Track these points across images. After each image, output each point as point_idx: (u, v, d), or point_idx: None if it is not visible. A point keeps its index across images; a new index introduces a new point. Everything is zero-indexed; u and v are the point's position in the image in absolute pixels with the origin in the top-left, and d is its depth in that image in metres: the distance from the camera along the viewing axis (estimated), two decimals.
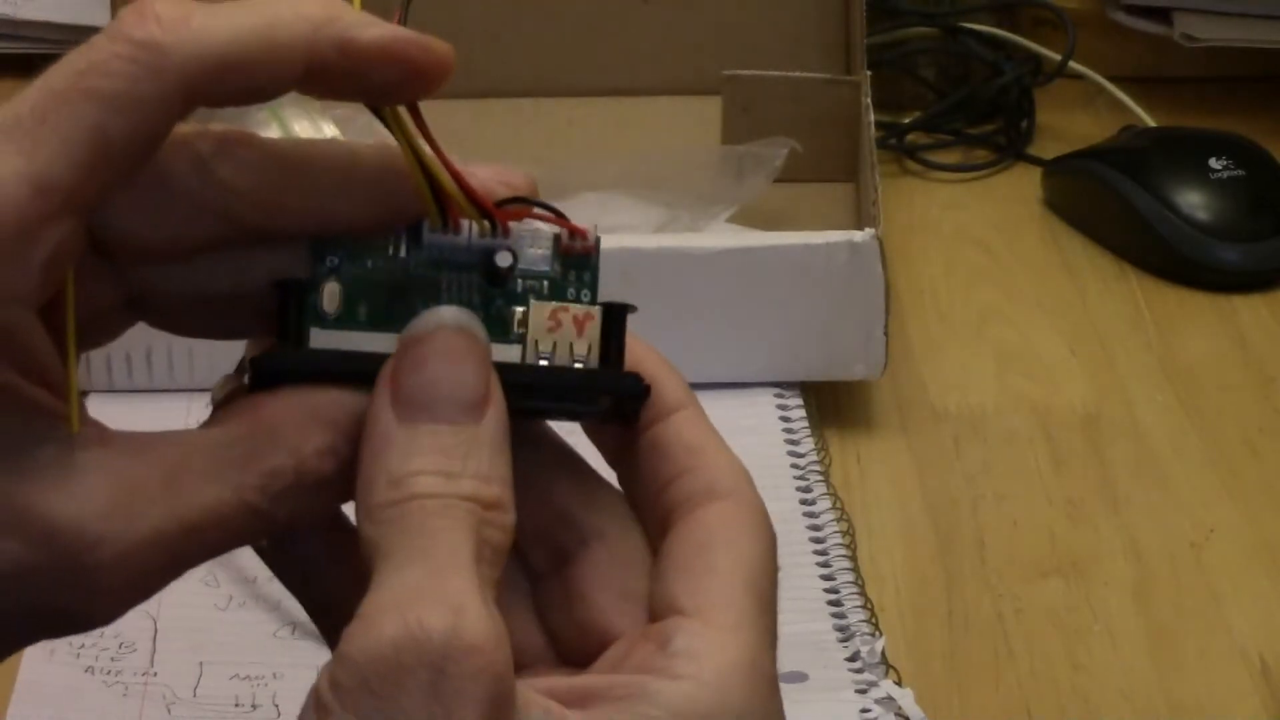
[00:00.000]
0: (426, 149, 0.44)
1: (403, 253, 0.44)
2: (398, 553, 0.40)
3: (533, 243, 0.44)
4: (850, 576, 0.79)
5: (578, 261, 0.44)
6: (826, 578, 0.79)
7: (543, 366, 0.43)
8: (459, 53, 0.46)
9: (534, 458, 0.45)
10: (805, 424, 0.88)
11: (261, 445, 0.42)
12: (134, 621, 0.75)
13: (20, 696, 0.72)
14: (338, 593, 0.44)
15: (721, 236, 0.94)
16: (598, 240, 0.45)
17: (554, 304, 0.44)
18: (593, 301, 0.44)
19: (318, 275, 0.43)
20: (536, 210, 0.44)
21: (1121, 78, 1.18)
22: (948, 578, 0.80)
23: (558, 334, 0.44)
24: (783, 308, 0.88)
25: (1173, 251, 1.02)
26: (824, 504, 0.83)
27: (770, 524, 0.45)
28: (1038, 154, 1.15)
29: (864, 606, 0.77)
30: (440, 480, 0.41)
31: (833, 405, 0.90)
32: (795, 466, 0.86)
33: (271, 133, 1.00)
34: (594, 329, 0.44)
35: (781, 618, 0.78)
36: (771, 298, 0.88)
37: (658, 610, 0.43)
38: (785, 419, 0.88)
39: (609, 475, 0.47)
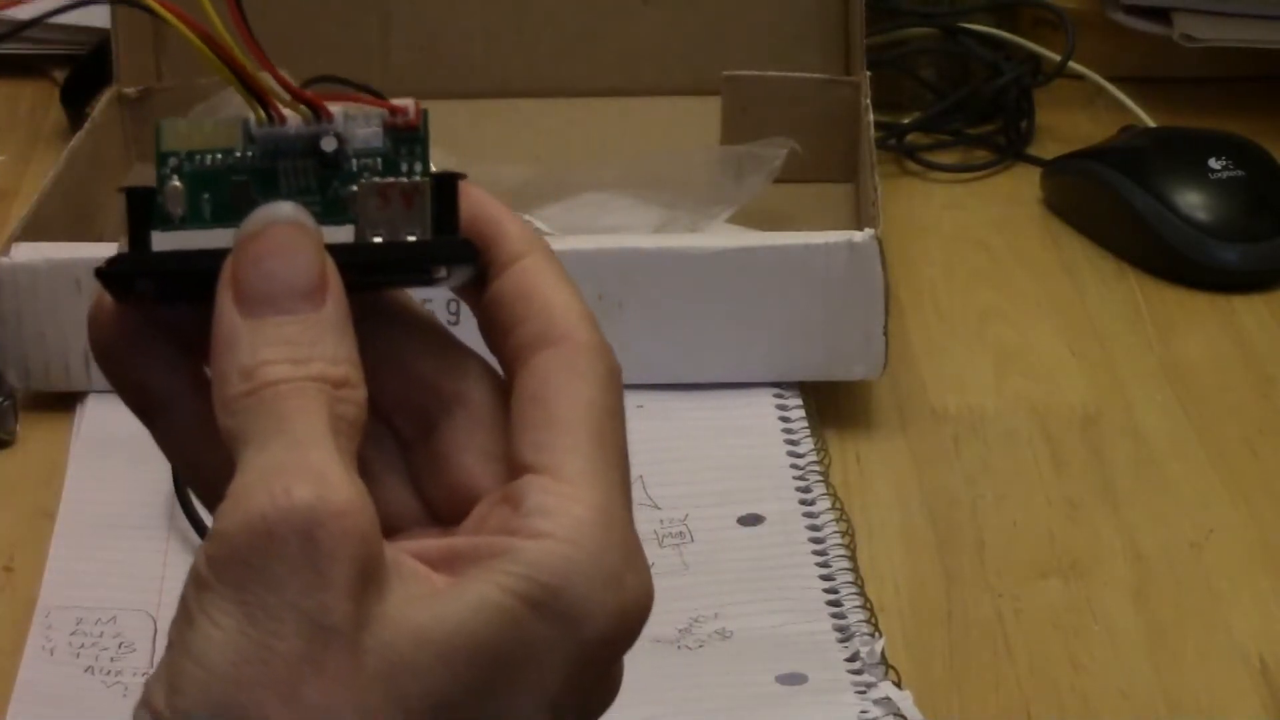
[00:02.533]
0: (230, 46, 0.44)
1: (239, 150, 0.45)
2: (258, 435, 0.41)
3: (364, 124, 0.45)
4: (850, 577, 0.79)
5: (407, 136, 0.46)
6: (826, 578, 0.79)
7: (374, 243, 0.45)
8: (459, 53, 0.47)
9: (393, 331, 0.46)
10: (805, 424, 0.88)
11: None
12: (134, 622, 0.76)
13: (20, 696, 0.72)
14: (219, 470, 0.45)
15: (721, 236, 0.94)
16: (425, 113, 0.46)
17: (383, 180, 0.45)
18: (424, 174, 0.45)
19: (161, 179, 0.45)
20: (353, 92, 0.46)
21: (1121, 78, 1.18)
22: (947, 578, 0.80)
23: (389, 209, 0.45)
24: (783, 308, 0.88)
25: (1172, 251, 1.02)
26: (823, 504, 0.83)
27: (610, 359, 0.45)
28: (1037, 154, 1.15)
29: (863, 607, 0.77)
30: (289, 366, 0.42)
31: (832, 405, 0.90)
32: (795, 467, 0.86)
33: None
34: (423, 200, 0.45)
35: (781, 618, 0.78)
36: (771, 298, 0.88)
37: (513, 466, 0.44)
38: (785, 419, 0.88)
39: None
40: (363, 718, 0.40)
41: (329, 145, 0.45)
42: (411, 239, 0.45)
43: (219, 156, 0.45)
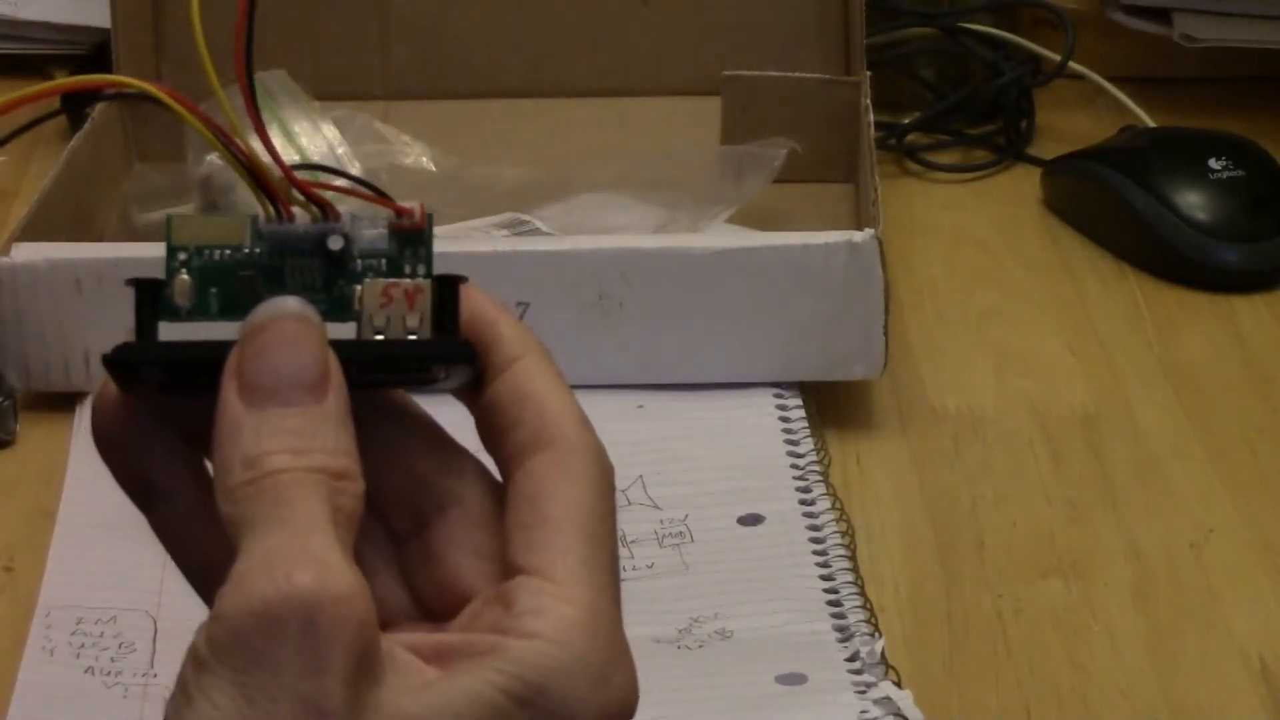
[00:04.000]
0: (246, 145, 0.45)
1: (248, 246, 0.46)
2: (260, 523, 0.42)
3: (370, 225, 0.46)
4: (850, 577, 0.79)
5: (412, 238, 0.46)
6: (826, 578, 0.79)
7: (375, 341, 0.45)
8: (459, 53, 0.47)
9: (392, 428, 0.47)
10: (805, 424, 0.88)
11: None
12: (134, 621, 0.76)
13: (20, 696, 0.72)
14: (215, 558, 0.45)
15: (721, 236, 0.94)
16: (430, 216, 0.47)
17: (386, 280, 0.46)
18: (428, 275, 0.46)
19: (170, 272, 0.46)
20: (359, 188, 0.47)
21: (1121, 78, 1.18)
22: (947, 578, 0.80)
23: (390, 308, 0.45)
24: (783, 308, 0.88)
25: (1172, 252, 1.02)
26: (823, 504, 0.83)
27: (603, 461, 0.46)
28: (1037, 154, 1.15)
29: (863, 607, 0.77)
30: (291, 457, 0.43)
31: (832, 405, 0.90)
32: (795, 467, 0.86)
33: (272, 134, 1.00)
34: (425, 301, 0.46)
35: (781, 618, 0.78)
36: (771, 298, 0.88)
37: (506, 567, 0.45)
38: (785, 419, 0.88)
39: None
40: None
41: (336, 244, 0.46)
42: (412, 338, 0.45)
43: (227, 252, 0.46)
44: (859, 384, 0.91)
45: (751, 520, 0.83)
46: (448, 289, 0.46)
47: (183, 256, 0.46)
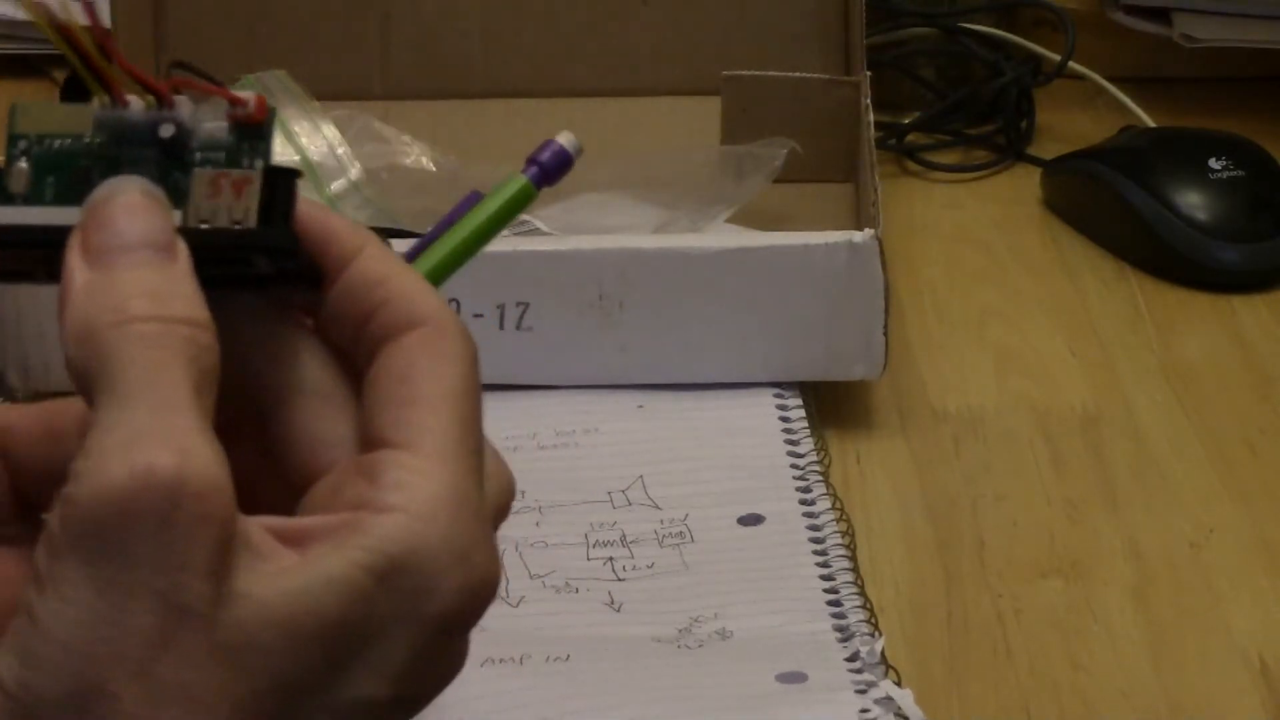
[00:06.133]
0: (76, 26, 0.44)
1: (88, 136, 0.45)
2: (119, 385, 0.41)
3: (211, 116, 0.45)
4: (850, 577, 0.79)
5: (252, 131, 0.45)
6: (826, 578, 0.79)
7: (197, 229, 0.44)
8: (459, 53, 0.47)
9: (229, 317, 0.46)
10: (805, 424, 0.88)
11: None
12: None
13: None
14: None
15: (721, 236, 0.94)
16: (272, 110, 0.46)
17: (215, 171, 0.45)
18: (265, 166, 0.45)
19: (10, 159, 0.45)
20: (198, 82, 0.46)
21: (1121, 78, 1.18)
22: (947, 578, 0.80)
23: (218, 200, 0.45)
24: (783, 308, 0.88)
25: (1172, 252, 1.02)
26: (823, 504, 0.83)
27: (470, 343, 0.46)
28: (1037, 154, 1.15)
29: (863, 607, 0.77)
30: (150, 303, 0.42)
31: (832, 405, 0.90)
32: (795, 467, 0.86)
33: (282, 145, 1.00)
34: (253, 192, 0.45)
35: (781, 618, 0.78)
36: (771, 298, 0.88)
37: (367, 443, 0.44)
38: (785, 419, 0.88)
39: None
40: (213, 695, 0.40)
41: (166, 132, 0.45)
42: (236, 228, 0.44)
43: (67, 141, 0.45)
44: (859, 384, 0.91)
45: (751, 520, 0.83)
46: (280, 181, 0.45)
47: (23, 145, 0.45)
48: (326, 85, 1.03)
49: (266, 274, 0.45)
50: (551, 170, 0.50)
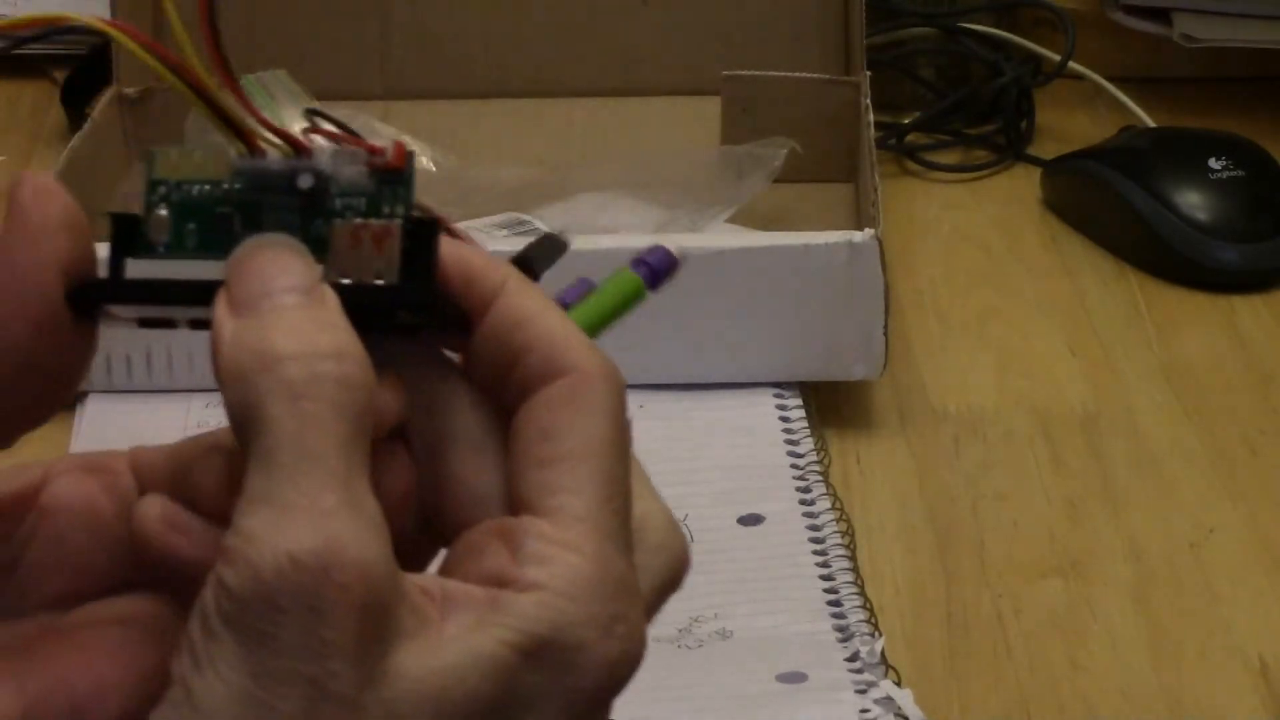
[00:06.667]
0: (203, 77, 0.44)
1: (227, 182, 0.45)
2: (267, 444, 0.41)
3: (351, 162, 0.44)
4: (850, 577, 0.79)
5: (392, 177, 0.44)
6: (826, 578, 0.79)
7: (342, 284, 0.43)
8: (459, 53, 0.46)
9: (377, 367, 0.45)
10: (805, 424, 0.88)
11: None
12: None
13: None
14: None
15: (721, 236, 0.94)
16: (410, 155, 0.45)
17: (355, 222, 0.44)
18: (406, 215, 0.44)
19: (148, 206, 0.45)
20: (332, 130, 0.45)
21: (1121, 78, 1.18)
22: (947, 578, 0.80)
23: (358, 251, 0.44)
24: (783, 308, 0.88)
25: (1172, 251, 1.02)
26: (823, 504, 0.83)
27: (618, 391, 0.44)
28: (1037, 154, 1.15)
29: (863, 607, 0.77)
30: (297, 341, 0.41)
31: (832, 405, 0.90)
32: (795, 467, 0.86)
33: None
34: (393, 245, 0.44)
35: (781, 618, 0.78)
36: (771, 298, 0.88)
37: (512, 502, 0.44)
38: (785, 419, 0.88)
39: None
40: None
41: (305, 182, 0.44)
42: (378, 283, 0.44)
43: (206, 188, 0.45)
44: (859, 384, 0.91)
45: (751, 520, 0.83)
46: (421, 231, 0.44)
47: (162, 190, 0.45)
48: (326, 85, 1.03)
49: (412, 324, 0.44)
50: (659, 272, 0.49)
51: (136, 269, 0.44)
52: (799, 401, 0.89)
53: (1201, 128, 1.12)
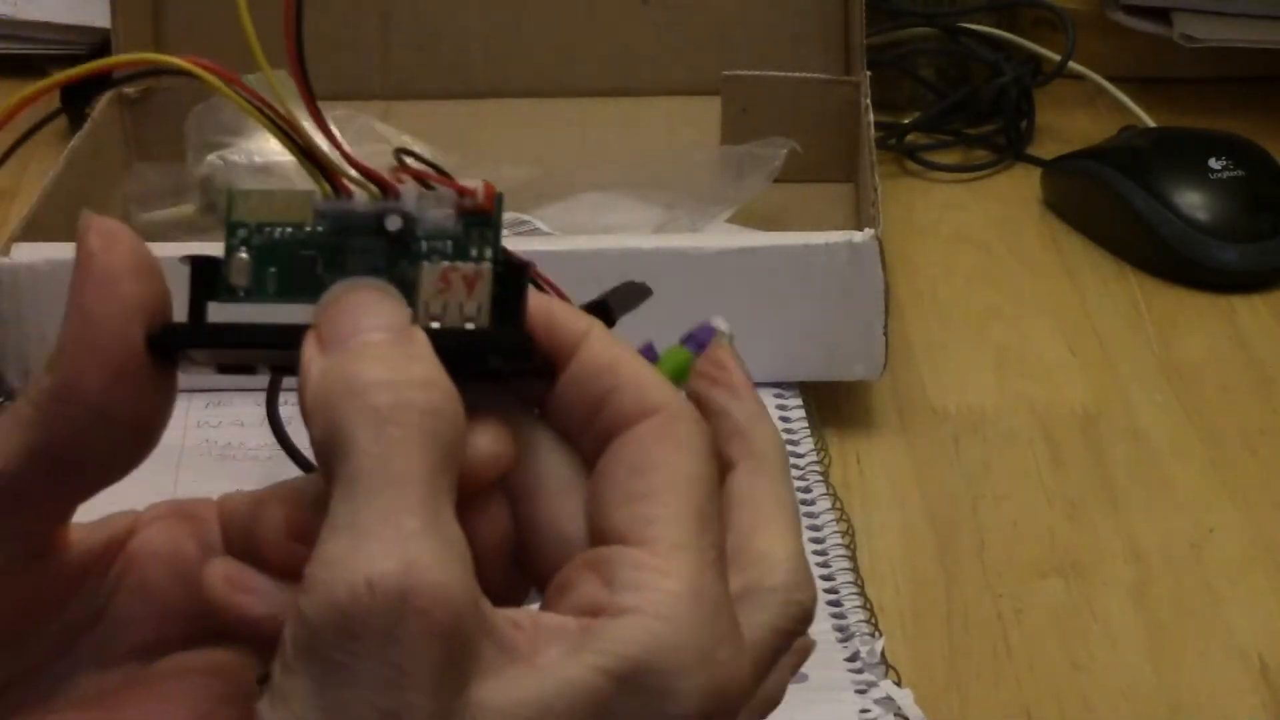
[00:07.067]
0: (290, 116, 0.43)
1: (309, 225, 0.44)
2: (351, 470, 0.40)
3: (436, 204, 0.44)
4: (850, 577, 0.79)
5: (479, 219, 0.44)
6: (826, 578, 0.79)
7: (432, 328, 0.43)
8: (459, 53, 0.46)
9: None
10: (805, 424, 0.88)
11: None
12: None
13: None
14: None
15: (721, 236, 0.94)
16: (499, 197, 0.44)
17: (445, 265, 0.43)
18: (495, 260, 0.44)
19: (229, 249, 0.44)
20: (422, 170, 0.45)
21: (1121, 78, 1.18)
22: (947, 578, 0.80)
23: (447, 295, 0.43)
24: (783, 308, 0.88)
25: (1172, 251, 1.02)
26: (823, 504, 0.83)
27: (705, 430, 0.44)
28: (1037, 154, 1.15)
29: (863, 607, 0.77)
30: (387, 370, 0.40)
31: (832, 405, 0.90)
32: (795, 467, 0.86)
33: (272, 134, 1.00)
34: (484, 288, 0.43)
35: None
36: (771, 298, 0.88)
37: (598, 535, 0.43)
38: (785, 419, 0.89)
39: None
40: None
41: (393, 225, 0.43)
42: (469, 327, 0.43)
43: (288, 231, 0.44)
44: (859, 384, 0.91)
45: None
46: (512, 275, 0.43)
47: (242, 234, 0.44)
48: (326, 85, 1.03)
49: (499, 370, 0.44)
50: (704, 344, 0.49)
51: (217, 313, 0.44)
52: (799, 401, 0.90)
53: (1201, 128, 1.12)
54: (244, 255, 0.44)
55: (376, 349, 0.41)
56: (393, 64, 1.10)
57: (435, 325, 0.43)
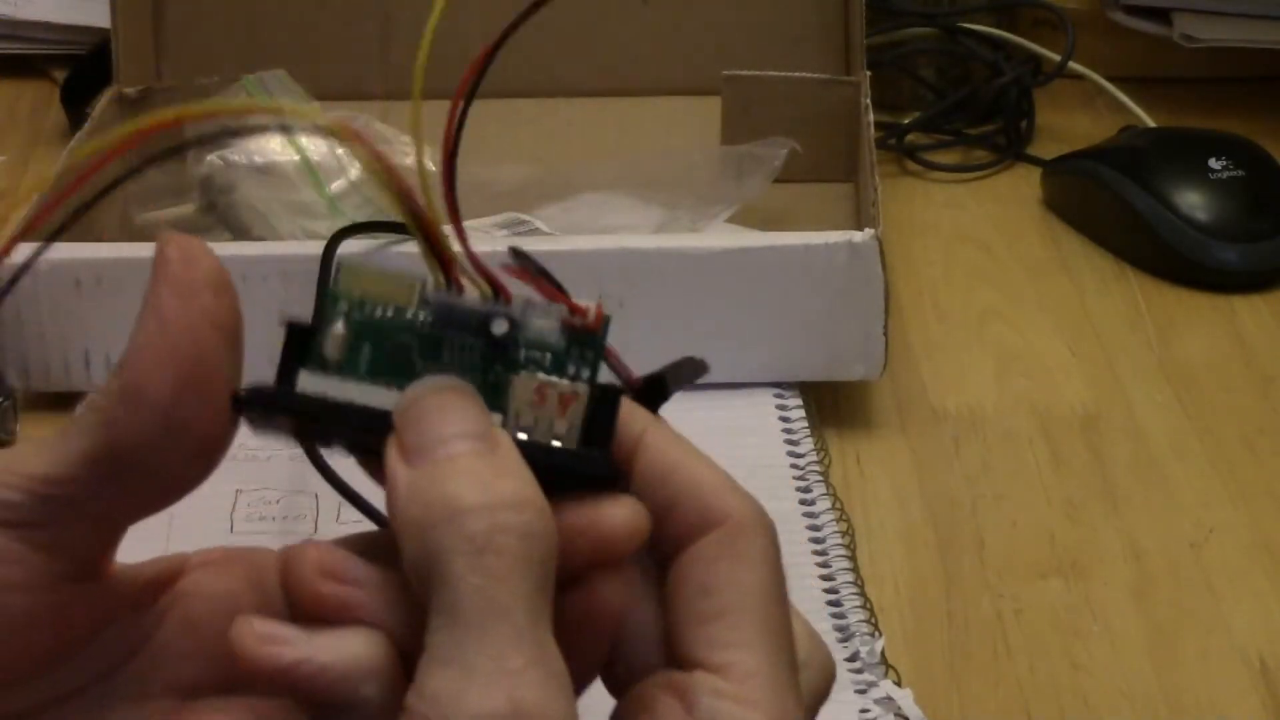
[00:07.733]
0: (425, 204, 0.43)
1: (412, 311, 0.43)
2: (451, 601, 0.39)
3: (543, 315, 0.43)
4: (850, 577, 0.79)
5: (584, 338, 0.43)
6: (826, 578, 0.79)
7: (519, 439, 0.42)
8: (459, 53, 0.46)
9: None
10: (805, 424, 0.88)
11: None
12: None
13: None
14: None
15: (721, 236, 0.94)
16: (607, 319, 0.44)
17: (541, 378, 0.43)
18: (592, 380, 0.43)
19: (326, 318, 0.43)
20: (539, 282, 0.44)
21: (1121, 78, 1.18)
22: (947, 578, 0.80)
23: (540, 409, 0.43)
24: (783, 308, 0.88)
25: (1172, 252, 1.02)
26: (823, 504, 0.83)
27: (771, 535, 0.44)
28: (1037, 154, 1.15)
29: (863, 607, 0.77)
30: (479, 491, 0.40)
31: (832, 405, 0.90)
32: (795, 467, 0.86)
33: (272, 134, 1.00)
34: (578, 410, 0.43)
35: None
36: (771, 298, 0.88)
37: (675, 654, 0.43)
38: (785, 419, 0.88)
39: None
40: None
41: (499, 328, 0.43)
42: (555, 444, 0.43)
43: (390, 312, 0.43)
44: (859, 384, 0.91)
45: None
46: (605, 400, 0.43)
47: (343, 306, 0.43)
48: (326, 85, 1.03)
49: (579, 487, 0.43)
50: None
51: (305, 381, 0.43)
52: (799, 401, 0.89)
53: (1201, 128, 1.12)
54: (340, 328, 0.43)
55: (463, 463, 0.41)
56: (393, 64, 1.10)
57: (523, 436, 0.43)
